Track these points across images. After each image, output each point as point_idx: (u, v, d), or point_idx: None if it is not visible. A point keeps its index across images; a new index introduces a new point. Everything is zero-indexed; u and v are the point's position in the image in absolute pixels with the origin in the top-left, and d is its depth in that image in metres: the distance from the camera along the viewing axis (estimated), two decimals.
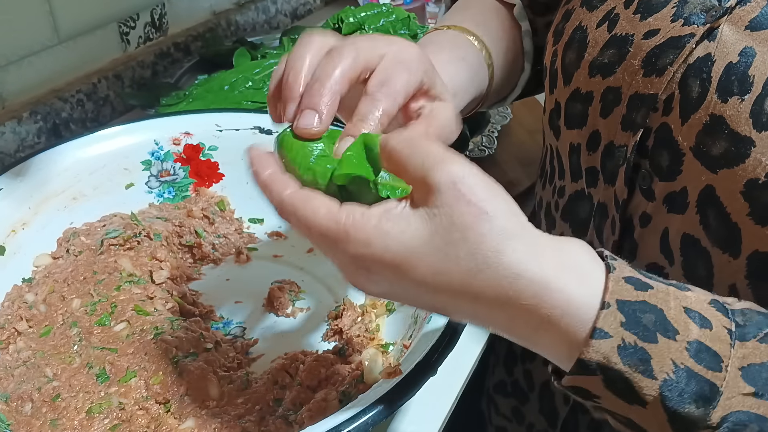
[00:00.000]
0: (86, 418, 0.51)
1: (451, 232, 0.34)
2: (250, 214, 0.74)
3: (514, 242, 0.34)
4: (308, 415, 0.50)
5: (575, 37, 0.53)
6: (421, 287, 0.36)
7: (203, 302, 0.65)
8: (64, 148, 0.69)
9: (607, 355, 0.34)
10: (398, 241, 0.35)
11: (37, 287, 0.62)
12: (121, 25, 0.97)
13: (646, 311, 0.34)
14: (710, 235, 0.44)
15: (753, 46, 0.41)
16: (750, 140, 0.40)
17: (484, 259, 0.34)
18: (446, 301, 0.36)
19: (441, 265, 0.34)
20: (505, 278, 0.34)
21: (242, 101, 0.87)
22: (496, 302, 0.35)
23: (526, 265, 0.34)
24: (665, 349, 0.34)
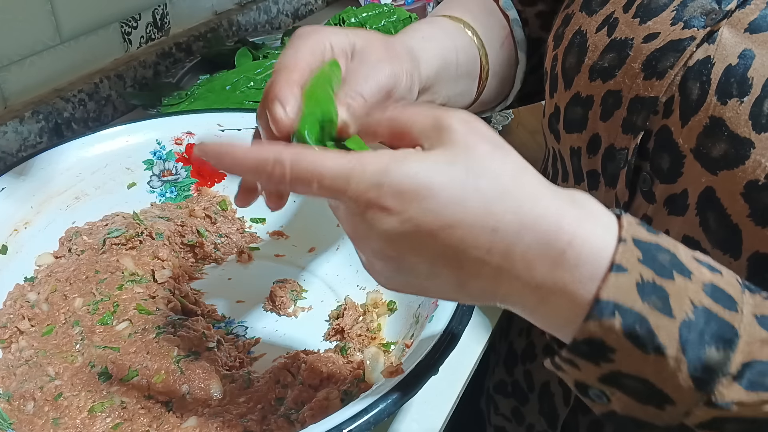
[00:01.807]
0: (88, 417, 0.51)
1: (470, 162, 0.33)
2: (252, 214, 0.74)
3: (529, 176, 0.35)
4: (310, 413, 0.50)
5: (575, 41, 0.54)
6: (439, 219, 0.33)
7: (205, 301, 0.65)
8: (67, 148, 0.69)
9: (626, 291, 0.32)
10: (416, 169, 0.33)
11: (39, 286, 0.62)
12: (123, 25, 0.97)
13: (661, 250, 0.34)
14: (710, 237, 0.44)
15: (752, 48, 0.42)
16: (750, 142, 0.41)
17: (504, 186, 0.33)
18: (463, 237, 0.33)
19: (461, 193, 0.33)
20: (525, 203, 0.33)
21: (244, 101, 0.87)
22: (516, 231, 0.33)
23: (544, 192, 0.34)
24: (682, 287, 0.33)
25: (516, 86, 0.67)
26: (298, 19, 1.30)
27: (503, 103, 0.69)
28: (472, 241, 0.33)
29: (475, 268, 0.34)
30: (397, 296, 0.62)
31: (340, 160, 0.34)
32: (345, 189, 0.33)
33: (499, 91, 0.66)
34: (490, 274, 0.34)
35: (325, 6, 1.37)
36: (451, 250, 0.33)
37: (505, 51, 0.64)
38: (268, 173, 0.34)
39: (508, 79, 0.66)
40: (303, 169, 0.34)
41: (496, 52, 0.62)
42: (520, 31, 0.65)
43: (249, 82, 0.89)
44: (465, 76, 0.59)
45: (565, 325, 0.34)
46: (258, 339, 0.62)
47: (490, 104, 0.67)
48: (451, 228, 0.33)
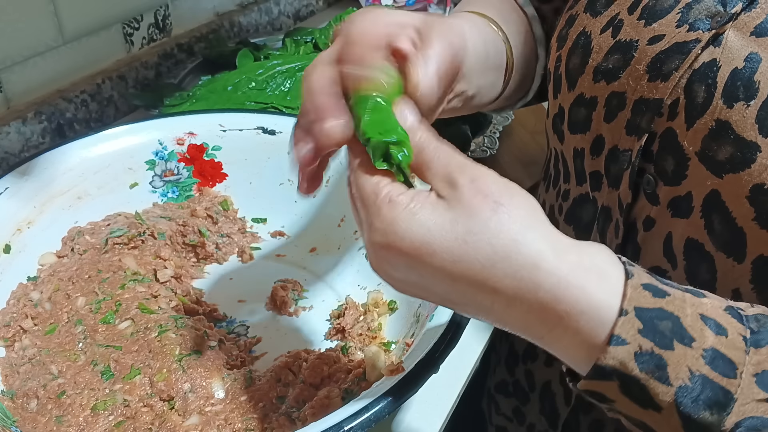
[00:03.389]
0: (91, 415, 0.52)
1: (471, 221, 0.35)
2: (254, 214, 0.75)
3: (533, 233, 0.35)
4: (311, 412, 0.50)
5: (579, 42, 0.54)
6: (439, 274, 0.36)
7: (207, 301, 0.65)
8: (69, 148, 0.69)
9: (623, 361, 0.33)
10: (421, 224, 0.36)
11: (42, 285, 0.62)
12: (125, 26, 0.98)
13: (663, 318, 0.34)
14: (714, 240, 0.44)
15: (758, 51, 0.42)
16: (756, 145, 0.41)
17: (503, 248, 0.35)
18: (464, 291, 0.36)
19: (461, 251, 0.35)
20: (524, 267, 0.34)
21: (245, 102, 0.87)
22: (514, 294, 0.35)
23: (545, 255, 0.35)
24: (681, 356, 0.34)
25: (536, 82, 0.68)
26: (299, 20, 1.31)
27: (524, 99, 0.69)
28: (473, 298, 0.36)
29: (483, 311, 0.37)
30: (397, 296, 0.62)
31: (372, 191, 0.38)
32: (366, 221, 0.38)
33: (520, 86, 0.66)
34: (497, 319, 0.37)
35: (326, 7, 1.37)
36: (454, 298, 0.37)
37: (526, 47, 0.64)
38: None
39: (528, 76, 0.66)
40: (361, 179, 0.40)
41: (519, 48, 0.62)
42: (539, 27, 0.65)
43: (250, 83, 0.89)
44: (494, 68, 0.59)
45: (571, 364, 0.37)
46: (259, 338, 0.62)
47: (512, 99, 0.67)
48: (453, 282, 0.36)
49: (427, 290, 0.38)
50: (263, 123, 0.73)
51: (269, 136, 0.73)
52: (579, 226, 0.57)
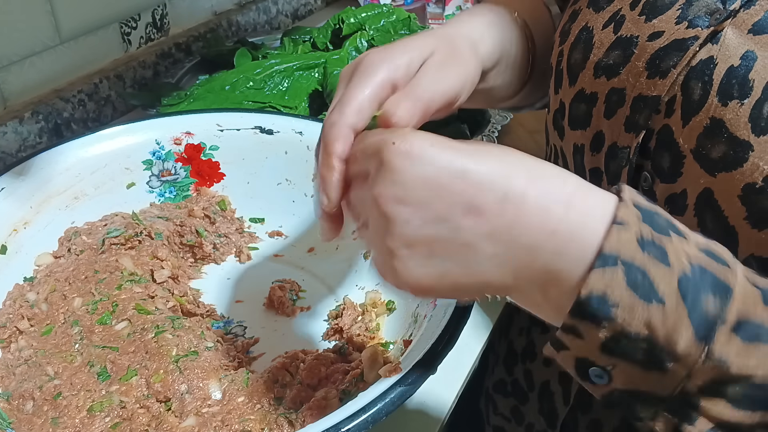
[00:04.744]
0: (87, 417, 0.51)
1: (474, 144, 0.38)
2: (251, 214, 0.74)
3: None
4: (309, 413, 0.50)
5: (581, 37, 0.54)
6: (455, 164, 0.36)
7: (204, 301, 0.65)
8: (66, 148, 0.69)
9: (627, 244, 0.33)
10: (430, 136, 0.37)
11: (38, 286, 0.62)
12: (122, 25, 0.97)
13: (659, 215, 0.35)
14: (708, 238, 0.44)
15: (754, 50, 0.42)
16: (748, 144, 0.41)
17: (510, 150, 0.38)
18: (480, 181, 0.36)
19: (473, 148, 0.37)
20: (530, 160, 0.37)
21: (243, 101, 0.87)
22: (526, 179, 0.36)
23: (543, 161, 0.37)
24: (679, 245, 0.34)
25: None
26: (297, 19, 1.30)
27: (543, 100, 0.69)
28: (488, 185, 0.36)
29: (494, 214, 0.35)
30: (395, 296, 0.62)
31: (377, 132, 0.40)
32: (375, 144, 0.38)
33: (540, 84, 0.66)
34: (509, 221, 0.35)
35: (324, 6, 1.37)
36: (467, 195, 0.36)
37: (548, 45, 0.64)
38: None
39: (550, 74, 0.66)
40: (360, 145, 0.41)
41: (542, 46, 0.62)
42: None
43: (248, 82, 0.89)
44: (514, 68, 0.59)
45: (569, 291, 0.35)
46: (257, 339, 0.62)
47: (531, 98, 0.67)
48: (467, 172, 0.36)
49: (443, 201, 0.36)
50: (261, 122, 0.73)
51: (267, 135, 0.73)
52: None
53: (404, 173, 0.36)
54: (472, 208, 0.35)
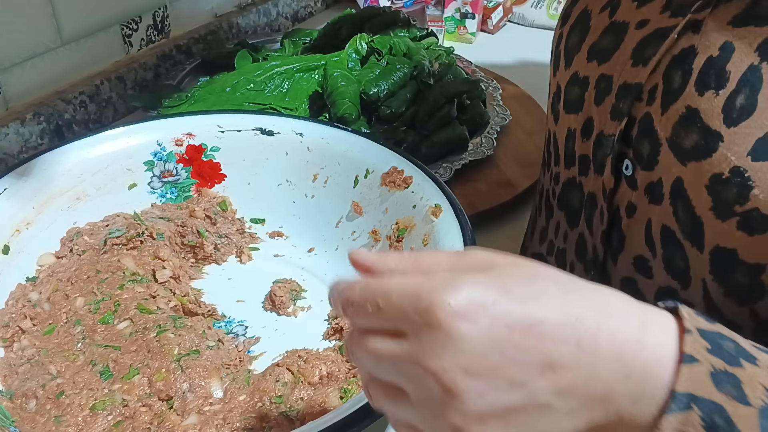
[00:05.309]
0: (90, 415, 0.52)
1: (526, 269, 0.33)
2: (252, 215, 0.75)
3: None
4: (309, 411, 0.50)
5: (580, 20, 0.54)
6: (524, 317, 0.31)
7: (205, 301, 0.65)
8: (68, 149, 0.69)
9: (700, 383, 0.30)
10: (482, 277, 0.31)
11: (41, 286, 0.63)
12: (123, 27, 0.98)
13: (724, 339, 0.32)
14: (681, 228, 0.45)
15: (733, 41, 0.42)
16: (719, 135, 0.41)
17: (564, 278, 0.33)
18: (553, 332, 0.31)
19: (533, 290, 0.32)
20: (590, 290, 0.33)
21: (243, 103, 0.87)
22: (595, 318, 0.31)
23: (597, 286, 0.33)
24: (752, 374, 0.31)
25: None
26: (297, 21, 1.31)
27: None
28: (562, 335, 0.31)
29: (570, 367, 0.31)
30: None
31: (404, 279, 0.32)
32: (417, 302, 0.31)
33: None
34: (585, 372, 0.31)
35: (324, 8, 1.38)
36: (543, 351, 0.31)
37: None
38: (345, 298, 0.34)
39: None
40: (370, 289, 0.33)
41: None
42: None
43: (249, 84, 0.89)
44: None
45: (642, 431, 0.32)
46: (258, 338, 0.62)
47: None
48: (540, 324, 0.31)
49: (515, 364, 0.31)
50: (261, 124, 0.74)
51: (267, 137, 0.73)
52: (569, 212, 0.58)
53: (470, 338, 0.30)
54: (548, 364, 0.31)
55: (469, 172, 0.83)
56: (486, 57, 1.16)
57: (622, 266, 0.51)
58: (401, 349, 0.32)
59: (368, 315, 0.33)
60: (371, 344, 0.33)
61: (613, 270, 0.53)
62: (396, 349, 0.32)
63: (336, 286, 0.35)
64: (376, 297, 0.32)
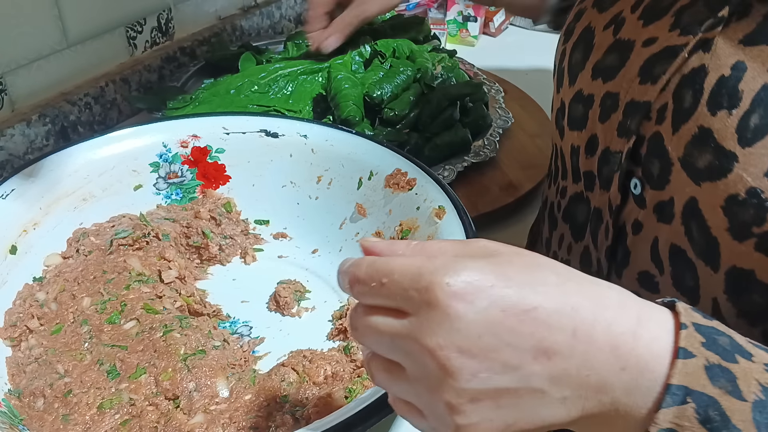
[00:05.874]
0: (97, 413, 0.52)
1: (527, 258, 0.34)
2: (256, 216, 0.75)
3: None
4: (314, 410, 0.51)
5: (583, 37, 0.54)
6: (521, 302, 0.31)
7: (210, 301, 0.66)
8: (75, 150, 0.70)
9: (695, 376, 0.31)
10: (482, 262, 0.32)
11: (47, 286, 0.63)
12: (128, 29, 0.98)
13: (720, 334, 0.33)
14: (694, 247, 0.44)
15: (745, 60, 0.42)
16: (734, 155, 0.41)
17: (566, 270, 0.34)
18: (548, 319, 0.32)
19: (531, 277, 0.33)
20: (586, 282, 0.34)
21: (248, 105, 0.88)
22: (592, 309, 0.32)
23: (594, 278, 0.34)
24: (747, 369, 0.32)
25: None
26: (301, 24, 1.31)
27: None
28: (557, 323, 0.32)
29: (564, 355, 0.32)
30: None
31: (409, 259, 0.34)
32: (418, 281, 0.32)
33: None
34: (580, 361, 0.32)
35: None
36: (537, 337, 0.32)
37: None
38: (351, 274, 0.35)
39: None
40: (375, 267, 0.34)
41: None
42: None
43: (253, 86, 0.90)
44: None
45: (638, 424, 0.32)
46: (262, 338, 0.63)
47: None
48: (535, 310, 0.31)
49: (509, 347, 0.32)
50: (266, 126, 0.74)
51: (272, 138, 0.74)
52: (574, 226, 0.58)
53: (466, 319, 0.31)
54: (542, 350, 0.31)
55: (471, 174, 0.84)
56: (488, 60, 1.16)
57: (627, 281, 0.51)
58: (401, 325, 0.33)
59: (372, 292, 0.34)
60: (373, 320, 0.34)
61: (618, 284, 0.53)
62: (396, 325, 0.33)
63: (344, 263, 0.36)
64: (380, 274, 0.33)
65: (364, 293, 0.34)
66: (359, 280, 0.34)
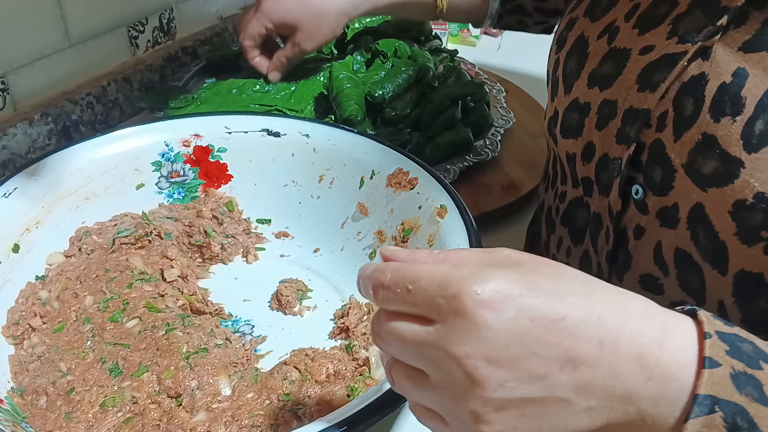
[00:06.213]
0: (100, 411, 0.52)
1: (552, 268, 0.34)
2: (258, 215, 0.75)
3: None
4: (316, 408, 0.51)
5: (576, 46, 0.54)
6: (549, 312, 0.31)
7: (212, 300, 0.66)
8: (77, 149, 0.70)
9: (722, 385, 0.31)
10: (509, 271, 0.32)
11: (50, 284, 0.63)
12: (130, 29, 0.99)
13: (743, 341, 0.33)
14: (700, 251, 0.44)
15: (746, 67, 0.42)
16: (740, 161, 0.41)
17: (591, 280, 0.34)
18: (575, 329, 0.32)
19: (559, 287, 0.33)
20: (612, 292, 0.33)
21: (249, 104, 0.88)
22: (617, 319, 0.32)
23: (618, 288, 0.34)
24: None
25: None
26: None
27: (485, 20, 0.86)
28: (584, 333, 0.31)
29: (591, 365, 0.32)
30: None
31: (435, 267, 0.34)
32: (445, 288, 0.32)
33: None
34: (606, 371, 0.32)
35: None
36: (564, 347, 0.31)
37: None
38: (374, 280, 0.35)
39: None
40: (401, 273, 0.34)
41: None
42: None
43: (254, 86, 0.90)
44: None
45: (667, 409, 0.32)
46: (264, 337, 0.63)
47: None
48: (563, 320, 0.31)
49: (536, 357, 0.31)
50: (268, 125, 0.74)
51: (274, 138, 0.74)
52: (573, 230, 0.58)
53: (494, 328, 0.31)
54: (569, 360, 0.31)
55: (473, 173, 0.84)
56: (489, 60, 1.16)
57: (628, 283, 0.51)
58: (427, 333, 0.32)
59: (397, 298, 0.34)
60: (398, 327, 0.34)
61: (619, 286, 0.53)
62: (422, 333, 0.33)
63: (365, 268, 0.36)
64: (406, 281, 0.33)
65: (388, 299, 0.34)
66: (384, 286, 0.34)
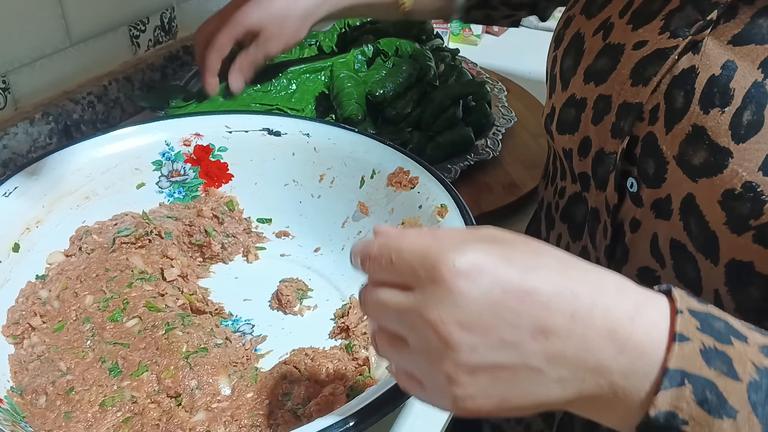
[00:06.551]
0: (99, 411, 0.52)
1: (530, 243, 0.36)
2: (259, 214, 0.75)
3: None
4: (316, 408, 0.51)
5: (573, 43, 0.55)
6: (523, 284, 0.33)
7: (212, 300, 0.66)
8: (78, 148, 0.70)
9: (691, 359, 0.32)
10: (487, 245, 0.34)
11: (50, 284, 0.63)
12: (131, 28, 0.99)
13: (715, 319, 0.34)
14: (693, 242, 0.45)
15: (734, 60, 0.43)
16: (728, 151, 0.42)
17: (566, 257, 0.35)
18: (548, 302, 0.33)
19: (534, 261, 0.34)
20: (589, 269, 0.34)
21: (250, 104, 0.88)
22: (590, 294, 0.33)
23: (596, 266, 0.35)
24: (742, 351, 0.32)
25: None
26: None
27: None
28: (556, 306, 0.33)
29: (562, 336, 0.33)
30: None
31: (418, 239, 0.35)
32: (425, 259, 0.34)
33: None
34: (577, 344, 0.33)
35: None
36: (536, 317, 0.33)
37: None
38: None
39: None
40: (386, 244, 0.36)
41: None
42: None
43: (255, 85, 0.90)
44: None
45: (636, 407, 0.33)
46: (264, 336, 0.63)
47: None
48: (536, 292, 0.33)
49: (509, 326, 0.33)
50: (268, 124, 0.74)
51: (274, 137, 0.74)
52: (572, 225, 0.58)
53: (468, 296, 0.33)
54: (541, 330, 0.33)
55: (474, 173, 0.84)
56: (491, 59, 1.16)
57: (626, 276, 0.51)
58: (406, 299, 0.35)
59: (382, 268, 0.36)
60: (381, 295, 0.36)
61: None
62: (401, 299, 0.35)
63: (358, 242, 0.38)
64: (390, 252, 0.36)
65: (374, 270, 0.37)
66: (371, 257, 0.37)
